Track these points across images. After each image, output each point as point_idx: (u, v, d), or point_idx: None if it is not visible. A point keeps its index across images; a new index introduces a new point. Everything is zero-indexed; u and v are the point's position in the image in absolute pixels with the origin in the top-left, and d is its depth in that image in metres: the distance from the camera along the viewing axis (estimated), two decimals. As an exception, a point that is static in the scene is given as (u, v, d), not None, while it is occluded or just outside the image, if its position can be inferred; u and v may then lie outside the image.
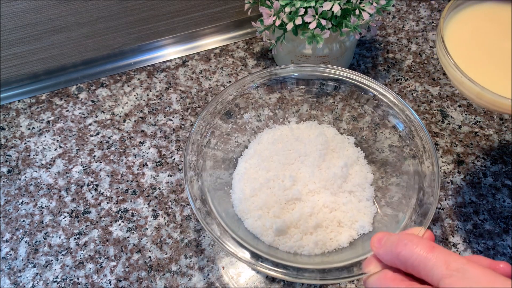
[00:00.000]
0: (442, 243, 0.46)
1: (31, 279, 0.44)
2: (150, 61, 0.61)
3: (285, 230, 0.42)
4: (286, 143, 0.48)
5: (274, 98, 0.49)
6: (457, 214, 0.48)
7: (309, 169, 0.46)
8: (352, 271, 0.36)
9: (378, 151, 0.48)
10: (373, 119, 0.47)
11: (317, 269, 0.36)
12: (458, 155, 0.52)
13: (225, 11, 0.62)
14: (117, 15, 0.56)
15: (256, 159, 0.47)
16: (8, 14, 0.51)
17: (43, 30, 0.54)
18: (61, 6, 0.52)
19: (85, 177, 0.51)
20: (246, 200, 0.44)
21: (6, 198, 0.49)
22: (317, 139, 0.48)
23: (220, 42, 0.63)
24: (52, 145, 0.53)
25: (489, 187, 0.50)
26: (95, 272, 0.44)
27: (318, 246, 0.41)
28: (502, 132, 0.54)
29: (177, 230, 0.47)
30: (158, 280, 0.44)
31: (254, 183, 0.45)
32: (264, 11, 0.50)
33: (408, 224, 0.38)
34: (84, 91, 0.58)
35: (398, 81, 0.59)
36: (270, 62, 0.61)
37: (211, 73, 0.60)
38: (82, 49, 0.58)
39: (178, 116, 0.56)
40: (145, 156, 0.52)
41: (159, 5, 0.57)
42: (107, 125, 0.55)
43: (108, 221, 0.48)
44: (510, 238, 0.46)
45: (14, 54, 0.55)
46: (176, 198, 0.49)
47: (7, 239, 0.47)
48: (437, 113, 0.56)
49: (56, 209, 0.49)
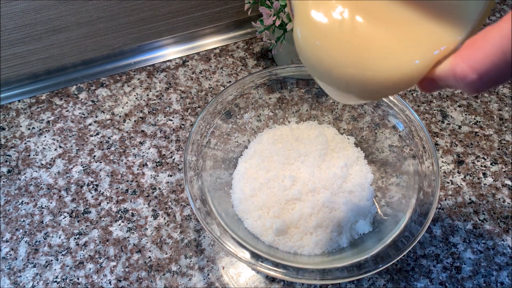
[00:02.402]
0: (442, 243, 0.46)
1: (31, 279, 0.44)
2: (150, 61, 0.61)
3: (285, 230, 0.42)
4: (286, 143, 0.48)
5: (274, 98, 0.49)
6: (457, 214, 0.48)
7: (309, 169, 0.46)
8: (352, 271, 0.36)
9: (378, 151, 0.48)
10: (373, 119, 0.47)
11: (317, 269, 0.36)
12: (458, 155, 0.52)
13: (225, 11, 0.62)
14: (117, 15, 0.56)
15: (256, 159, 0.47)
16: (8, 14, 0.51)
17: (43, 30, 0.54)
18: (61, 6, 0.52)
19: (85, 177, 0.51)
20: (246, 200, 0.44)
21: (6, 198, 0.49)
22: (317, 139, 0.48)
23: (220, 42, 0.63)
24: (52, 145, 0.53)
25: (489, 187, 0.50)
26: (95, 272, 0.44)
27: (318, 246, 0.41)
28: (502, 132, 0.54)
29: (177, 230, 0.47)
30: (158, 280, 0.44)
31: (254, 183, 0.45)
32: (264, 11, 0.50)
33: (408, 224, 0.38)
34: (84, 91, 0.58)
35: (398, 81, 0.59)
36: (270, 62, 0.61)
37: (211, 73, 0.60)
38: (82, 49, 0.58)
39: (178, 116, 0.56)
40: (145, 156, 0.52)
41: (159, 5, 0.57)
42: (107, 125, 0.55)
43: (108, 221, 0.48)
44: (510, 238, 0.46)
45: (14, 54, 0.55)
46: (176, 198, 0.49)
47: (7, 239, 0.47)
48: (437, 113, 0.56)
49: (56, 209, 0.49)
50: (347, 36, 0.23)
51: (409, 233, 0.37)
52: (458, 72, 0.21)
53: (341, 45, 0.23)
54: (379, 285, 0.43)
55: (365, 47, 0.23)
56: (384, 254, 0.36)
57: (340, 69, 0.23)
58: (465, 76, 0.20)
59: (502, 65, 0.19)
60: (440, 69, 0.22)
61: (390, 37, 0.23)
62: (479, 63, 0.20)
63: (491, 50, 0.19)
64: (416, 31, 0.23)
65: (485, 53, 0.19)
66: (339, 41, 0.23)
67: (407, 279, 0.43)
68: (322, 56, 0.24)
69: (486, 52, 0.19)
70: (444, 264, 0.44)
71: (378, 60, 0.23)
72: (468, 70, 0.20)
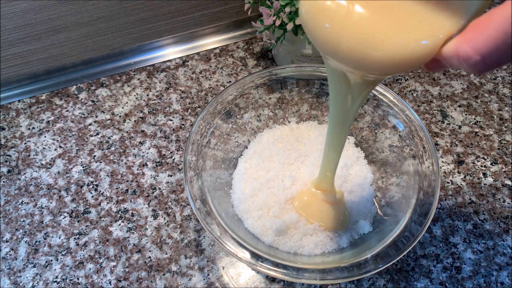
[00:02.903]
0: (442, 243, 0.46)
1: (31, 279, 0.44)
2: (150, 61, 0.61)
3: (285, 230, 0.42)
4: (286, 143, 0.48)
5: (274, 98, 0.49)
6: (457, 214, 0.48)
7: (309, 169, 0.46)
8: (352, 271, 0.36)
9: (378, 151, 0.48)
10: (373, 119, 0.47)
11: (317, 269, 0.36)
12: (458, 155, 0.52)
13: (225, 11, 0.62)
14: (117, 15, 0.56)
15: (256, 159, 0.47)
16: (8, 14, 0.51)
17: (43, 30, 0.54)
18: (61, 6, 0.52)
19: (85, 177, 0.51)
20: (246, 200, 0.44)
21: (6, 198, 0.49)
22: (317, 139, 0.48)
23: (220, 42, 0.63)
24: (52, 145, 0.53)
25: (489, 187, 0.50)
26: (95, 272, 0.44)
27: (318, 246, 0.41)
28: (502, 132, 0.54)
29: (177, 230, 0.47)
30: (158, 280, 0.44)
31: (254, 183, 0.45)
32: (264, 11, 0.49)
33: (408, 224, 0.38)
34: (84, 91, 0.58)
35: (398, 81, 0.59)
36: (270, 62, 0.61)
37: (211, 73, 0.60)
38: (82, 49, 0.58)
39: (178, 116, 0.56)
40: (145, 156, 0.52)
41: (159, 5, 0.57)
42: (107, 125, 0.55)
43: (108, 221, 0.48)
44: (510, 238, 0.46)
45: (14, 54, 0.55)
46: (176, 198, 0.49)
47: (7, 239, 0.47)
48: (437, 113, 0.56)
49: (56, 209, 0.49)
50: (355, 18, 0.24)
51: (409, 233, 0.37)
52: (461, 54, 0.21)
53: (350, 27, 0.24)
54: (379, 285, 0.43)
55: (373, 29, 0.23)
56: (384, 254, 0.36)
57: (351, 48, 0.24)
58: (469, 57, 0.21)
59: (504, 48, 0.20)
60: (445, 50, 0.22)
61: (396, 20, 0.23)
62: (482, 45, 0.20)
63: (493, 33, 0.20)
64: (423, 15, 0.23)
65: (488, 36, 0.20)
66: (349, 23, 0.24)
67: (407, 279, 0.43)
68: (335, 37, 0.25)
69: (488, 35, 0.20)
70: (444, 264, 0.44)
71: (387, 39, 0.23)
72: (471, 52, 0.20)
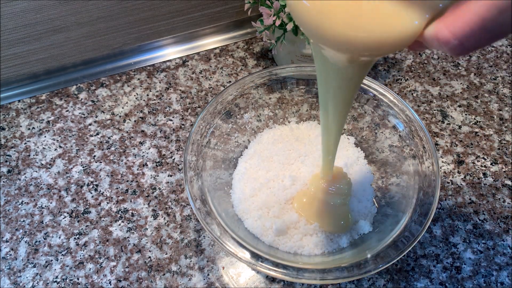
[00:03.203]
0: (442, 243, 0.46)
1: (31, 279, 0.44)
2: (150, 61, 0.61)
3: (285, 230, 0.42)
4: (286, 143, 0.48)
5: (274, 98, 0.49)
6: (457, 214, 0.48)
7: (309, 169, 0.46)
8: (352, 271, 0.36)
9: (378, 151, 0.48)
10: (373, 119, 0.47)
11: (317, 269, 0.36)
12: (458, 155, 0.52)
13: (225, 11, 0.62)
14: (117, 15, 0.56)
15: (256, 159, 0.47)
16: (8, 14, 0.51)
17: (43, 30, 0.54)
18: (61, 6, 0.52)
19: (85, 177, 0.51)
20: (246, 200, 0.44)
21: (6, 198, 0.49)
22: (317, 139, 0.48)
23: (220, 42, 0.63)
24: (52, 145, 0.53)
25: (489, 187, 0.50)
26: (95, 272, 0.44)
27: (318, 246, 0.41)
28: (502, 132, 0.54)
29: (177, 230, 0.47)
30: (158, 280, 0.44)
31: (254, 183, 0.45)
32: (264, 11, 0.49)
33: (408, 224, 0.38)
34: (84, 91, 0.58)
35: (398, 81, 0.59)
36: (270, 62, 0.61)
37: (211, 73, 0.60)
38: (82, 49, 0.58)
39: (178, 116, 0.56)
40: (145, 156, 0.52)
41: (159, 5, 0.57)
42: (107, 125, 0.55)
43: (108, 221, 0.48)
44: (510, 238, 0.46)
45: (14, 54, 0.55)
46: (176, 198, 0.49)
47: (7, 239, 0.47)
48: (437, 113, 0.56)
49: (56, 209, 0.49)
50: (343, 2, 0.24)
51: (409, 233, 0.37)
52: (441, 37, 0.22)
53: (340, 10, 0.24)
54: (379, 285, 0.43)
55: (360, 11, 0.24)
56: (384, 254, 0.36)
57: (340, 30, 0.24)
58: (447, 41, 0.21)
59: (481, 32, 0.20)
60: (426, 33, 0.23)
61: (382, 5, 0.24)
62: (459, 30, 0.21)
63: (471, 18, 0.20)
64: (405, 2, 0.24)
65: (465, 21, 0.20)
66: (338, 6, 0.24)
67: (407, 279, 0.43)
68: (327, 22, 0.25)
69: (466, 20, 0.20)
70: (444, 264, 0.44)
71: (376, 21, 0.24)
72: (450, 36, 0.21)
